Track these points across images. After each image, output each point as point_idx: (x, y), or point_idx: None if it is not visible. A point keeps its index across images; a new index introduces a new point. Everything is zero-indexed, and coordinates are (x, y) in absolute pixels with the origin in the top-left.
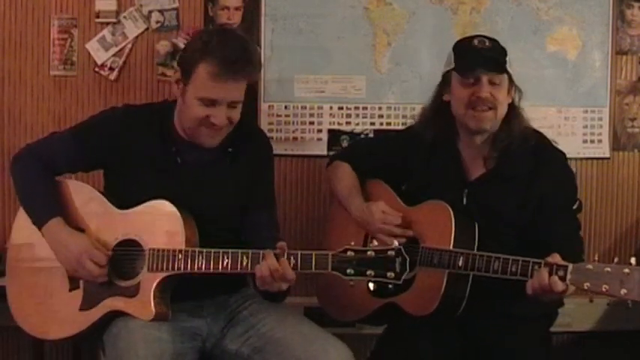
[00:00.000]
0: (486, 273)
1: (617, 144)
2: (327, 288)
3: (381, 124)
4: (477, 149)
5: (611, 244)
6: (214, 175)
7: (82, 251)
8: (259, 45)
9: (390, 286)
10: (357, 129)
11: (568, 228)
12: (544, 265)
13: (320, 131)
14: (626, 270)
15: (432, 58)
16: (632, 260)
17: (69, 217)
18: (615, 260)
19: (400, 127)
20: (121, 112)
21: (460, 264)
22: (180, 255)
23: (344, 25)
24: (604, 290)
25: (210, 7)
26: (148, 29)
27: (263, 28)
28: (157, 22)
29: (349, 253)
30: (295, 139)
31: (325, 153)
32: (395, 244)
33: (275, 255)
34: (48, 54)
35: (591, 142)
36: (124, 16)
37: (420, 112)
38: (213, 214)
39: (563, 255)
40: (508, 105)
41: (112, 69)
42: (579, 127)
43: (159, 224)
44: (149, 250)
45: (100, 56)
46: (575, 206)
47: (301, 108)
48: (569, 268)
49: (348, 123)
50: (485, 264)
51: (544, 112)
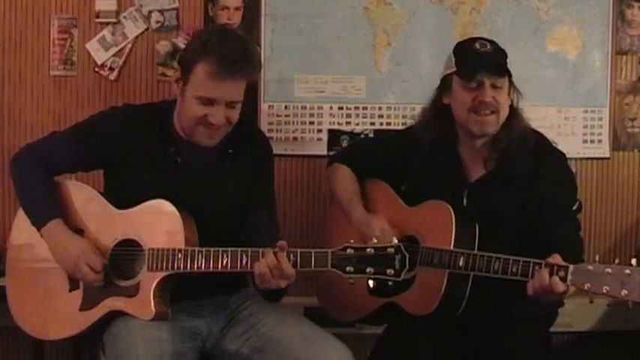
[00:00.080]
0: (487, 273)
1: (617, 144)
2: (327, 288)
3: (381, 124)
4: (477, 151)
5: (612, 244)
6: (214, 176)
7: (80, 254)
8: (259, 45)
9: (390, 284)
10: (357, 129)
11: (568, 228)
12: (545, 266)
13: (320, 131)
14: (627, 271)
15: (432, 58)
16: (633, 261)
17: (68, 218)
18: (616, 261)
19: (400, 127)
20: (121, 112)
21: (461, 264)
22: (180, 254)
23: (344, 25)
24: (604, 291)
25: (210, 7)
26: (148, 29)
27: (263, 28)
28: (157, 22)
29: (349, 250)
30: (295, 139)
31: (325, 153)
32: (394, 241)
33: (274, 253)
34: (48, 54)
35: (591, 142)
36: (124, 16)
37: (420, 113)
38: (213, 214)
39: (563, 255)
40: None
41: (112, 69)
42: (579, 127)
43: (158, 224)
44: (149, 250)
45: (100, 56)
46: (575, 207)
47: (301, 108)
48: (569, 268)
49: (348, 123)
50: (486, 264)
51: (544, 112)
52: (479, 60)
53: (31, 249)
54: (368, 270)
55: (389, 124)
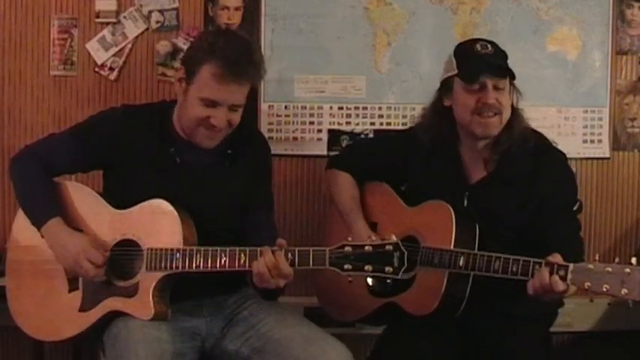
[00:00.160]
0: (487, 273)
1: (617, 144)
2: (327, 288)
3: (381, 124)
4: (478, 152)
5: (612, 244)
6: (213, 176)
7: (80, 251)
8: (259, 45)
9: (389, 281)
10: (357, 129)
11: (568, 228)
12: (545, 265)
13: (320, 131)
14: (627, 270)
15: (432, 58)
16: (633, 260)
17: (67, 219)
18: (616, 260)
19: (400, 127)
20: (120, 113)
21: (461, 264)
22: (178, 254)
23: (344, 25)
24: (605, 290)
25: (210, 7)
26: (148, 29)
27: (263, 28)
28: (157, 22)
29: (346, 248)
30: (295, 139)
31: (325, 153)
32: (393, 238)
33: (272, 251)
34: (48, 54)
35: (591, 142)
36: (124, 16)
37: (420, 115)
38: (212, 214)
39: (563, 255)
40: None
41: (112, 69)
42: (579, 127)
43: (157, 224)
44: (147, 250)
45: (100, 56)
46: (576, 207)
47: (301, 108)
48: (569, 267)
49: (348, 123)
50: (486, 264)
51: (544, 112)
52: (481, 62)
53: (31, 250)
54: (366, 268)
55: (389, 124)
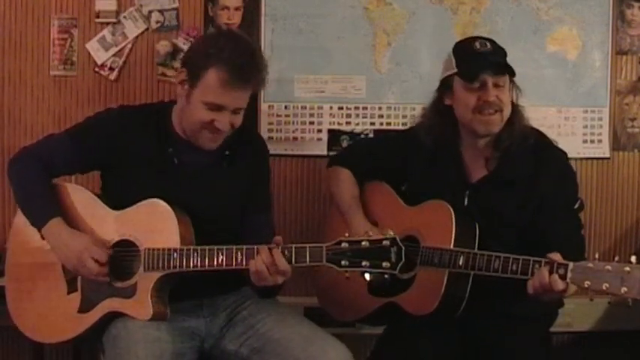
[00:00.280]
0: (487, 272)
1: (617, 144)
2: (327, 288)
3: (381, 124)
4: (479, 151)
5: (612, 244)
6: (211, 176)
7: (83, 249)
8: (259, 45)
9: (386, 276)
10: (357, 129)
11: (569, 227)
12: (544, 264)
13: (320, 131)
14: (627, 268)
15: (432, 58)
16: (633, 259)
17: (66, 220)
18: (616, 259)
19: (400, 127)
20: (117, 113)
21: (461, 263)
22: (176, 253)
23: (344, 25)
24: (604, 288)
25: (210, 7)
26: (148, 29)
27: (263, 28)
28: (157, 22)
29: (343, 244)
30: (295, 139)
31: (325, 153)
32: (390, 233)
33: (269, 249)
34: (48, 54)
35: (591, 142)
36: (124, 16)
37: (421, 114)
38: (210, 214)
39: (564, 254)
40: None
41: (112, 69)
42: (579, 127)
43: (153, 223)
44: (145, 250)
45: (100, 56)
46: (577, 205)
47: (301, 108)
48: (569, 266)
49: (348, 123)
50: (486, 263)
51: (544, 112)
52: (480, 60)
53: (30, 252)
54: (363, 263)
55: (389, 124)
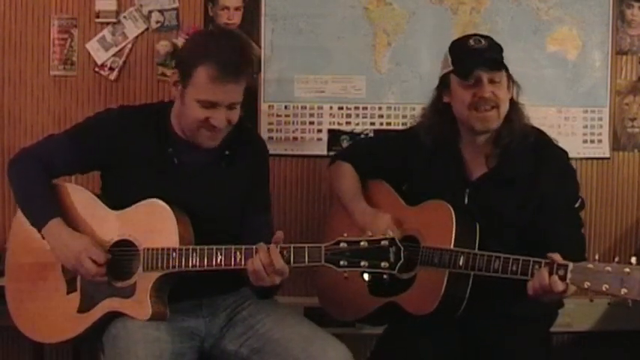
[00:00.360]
0: (487, 272)
1: (617, 144)
2: (328, 288)
3: (381, 124)
4: (479, 148)
5: (611, 244)
6: (211, 176)
7: (82, 250)
8: (259, 45)
9: (385, 277)
10: (357, 129)
11: (569, 227)
12: (544, 265)
13: (320, 131)
14: (627, 269)
15: (432, 58)
16: (633, 260)
17: (65, 220)
18: (616, 260)
19: (400, 127)
20: (116, 114)
21: (461, 263)
22: (175, 253)
23: (344, 25)
24: (604, 289)
25: (210, 7)
26: (148, 29)
27: (263, 28)
28: (157, 22)
29: (342, 244)
30: (295, 139)
31: (325, 153)
32: (389, 233)
33: (267, 249)
34: (48, 54)
35: (591, 142)
36: (124, 16)
37: (420, 113)
38: (210, 214)
39: (564, 254)
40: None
41: (112, 69)
42: (579, 127)
43: (153, 223)
44: (144, 250)
45: (100, 56)
46: (578, 204)
47: (301, 108)
48: (569, 267)
49: (348, 123)
50: (486, 263)
51: (544, 112)
52: (474, 56)
53: (29, 253)
54: (362, 263)
55: (389, 124)
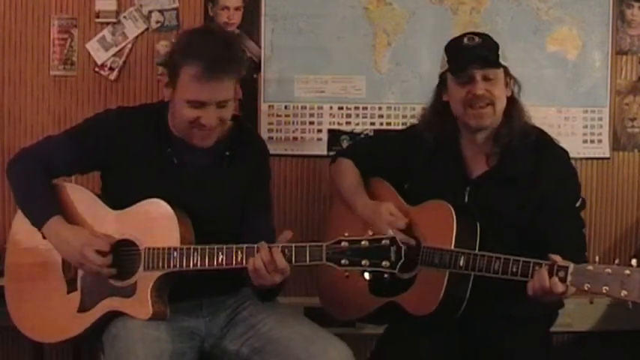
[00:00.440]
0: (487, 273)
1: (617, 144)
2: (328, 288)
3: (381, 124)
4: (479, 146)
5: (611, 244)
6: (211, 177)
7: (84, 243)
8: (259, 45)
9: (386, 276)
10: (357, 129)
11: (570, 227)
12: (544, 266)
13: (320, 131)
14: (627, 271)
15: (432, 58)
16: (633, 262)
17: (66, 220)
18: (616, 262)
19: (400, 127)
20: (115, 114)
21: (461, 264)
22: (176, 253)
23: (344, 25)
24: (604, 291)
25: (210, 7)
26: (148, 29)
27: (263, 28)
28: (157, 22)
29: (343, 243)
30: (295, 139)
31: (325, 153)
32: (389, 232)
33: (269, 248)
34: (48, 54)
35: (591, 142)
36: (124, 16)
37: (421, 113)
38: (210, 214)
39: (564, 254)
40: (508, 98)
41: (112, 69)
42: (579, 127)
43: (153, 223)
44: (145, 250)
45: (100, 56)
46: (579, 204)
47: (301, 108)
48: (569, 268)
49: (348, 123)
50: (486, 264)
51: (544, 112)
52: (467, 54)
53: (29, 253)
54: (363, 262)
55: (389, 124)
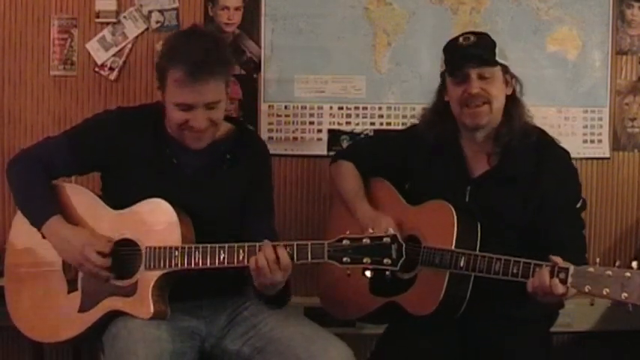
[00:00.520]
0: (487, 274)
1: (617, 144)
2: (329, 288)
3: (381, 124)
4: (480, 146)
5: (612, 244)
6: (211, 177)
7: (85, 243)
8: (259, 45)
9: (387, 273)
10: (357, 129)
11: (570, 227)
12: (545, 267)
13: (320, 131)
14: (627, 274)
15: (432, 58)
16: (634, 264)
17: (66, 220)
18: (617, 264)
19: (400, 127)
20: (114, 115)
21: (462, 264)
22: (177, 252)
23: (344, 25)
24: (605, 294)
25: (210, 7)
26: (148, 29)
27: (263, 28)
28: (157, 22)
29: (344, 241)
30: (295, 139)
31: (325, 153)
32: (390, 230)
33: (273, 246)
34: (48, 54)
35: (591, 142)
36: (124, 16)
37: (422, 113)
38: (210, 215)
39: (565, 255)
40: (507, 96)
41: (112, 69)
42: (579, 127)
43: (154, 222)
44: (146, 249)
45: (100, 56)
46: (579, 204)
47: (301, 108)
48: (570, 270)
49: (348, 123)
50: (487, 265)
51: (544, 112)
52: (461, 54)
53: (29, 253)
54: (365, 260)
55: (389, 124)
